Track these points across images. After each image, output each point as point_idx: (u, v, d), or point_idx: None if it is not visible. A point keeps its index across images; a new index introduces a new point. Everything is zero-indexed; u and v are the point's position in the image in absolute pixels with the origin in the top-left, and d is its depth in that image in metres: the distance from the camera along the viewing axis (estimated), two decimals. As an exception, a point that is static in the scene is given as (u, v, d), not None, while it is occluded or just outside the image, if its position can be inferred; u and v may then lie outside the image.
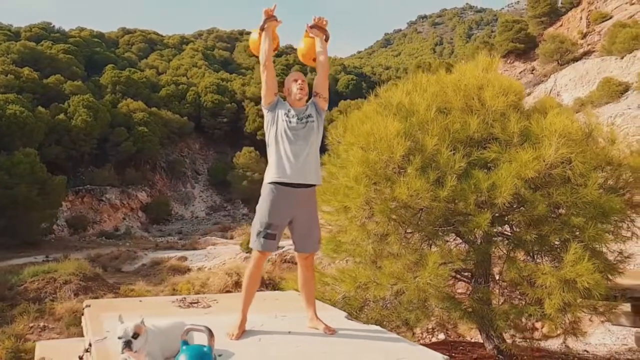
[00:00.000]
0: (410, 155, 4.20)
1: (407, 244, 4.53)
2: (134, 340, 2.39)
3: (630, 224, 4.65)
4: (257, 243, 3.14)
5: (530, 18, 43.25)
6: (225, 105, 53.02)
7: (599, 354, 6.08)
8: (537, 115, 4.45)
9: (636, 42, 29.34)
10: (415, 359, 2.75)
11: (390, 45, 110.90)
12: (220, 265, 27.53)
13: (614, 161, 4.44)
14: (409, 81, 5.20)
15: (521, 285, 4.30)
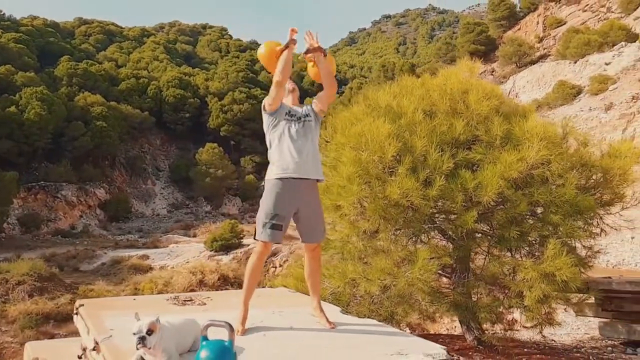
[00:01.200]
0: (401, 156, 4.34)
1: (396, 240, 4.68)
2: (149, 337, 2.43)
3: (600, 221, 4.96)
4: (264, 234, 3.19)
5: (491, 21, 44.63)
6: (188, 100, 52.06)
7: (566, 343, 6.43)
8: (517, 118, 4.68)
9: (588, 47, 30.77)
10: (416, 350, 2.86)
11: (355, 43, 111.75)
12: (184, 264, 27.09)
13: (587, 163, 4.73)
14: (395, 84, 5.34)
15: (503, 279, 4.52)
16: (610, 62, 28.68)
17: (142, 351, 2.46)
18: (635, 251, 13.01)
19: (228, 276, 23.69)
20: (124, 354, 2.61)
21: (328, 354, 2.82)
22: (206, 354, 2.35)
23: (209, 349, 2.37)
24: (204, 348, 2.38)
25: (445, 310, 4.72)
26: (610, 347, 6.10)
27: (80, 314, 3.39)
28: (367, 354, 2.82)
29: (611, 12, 35.06)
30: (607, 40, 30.09)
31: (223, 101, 51.18)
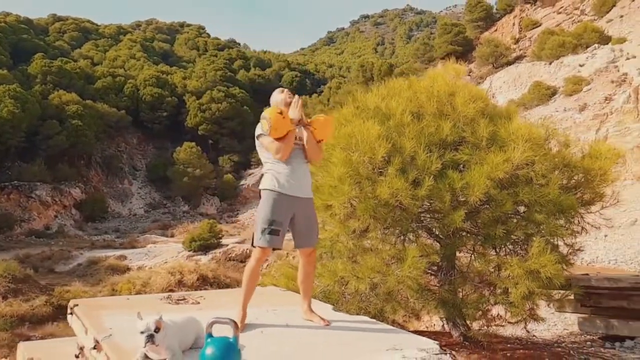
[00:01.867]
0: (390, 157, 4.40)
1: (385, 239, 4.75)
2: (156, 334, 2.48)
3: (581, 220, 5.11)
4: (263, 240, 3.26)
5: (468, 22, 45.22)
6: (166, 98, 51.45)
7: (546, 338, 6.60)
8: (502, 120, 4.79)
9: (562, 49, 31.46)
10: (410, 345, 2.93)
11: (334, 43, 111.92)
12: (162, 264, 26.81)
13: (569, 163, 4.87)
14: (383, 86, 5.41)
15: (489, 276, 4.63)
16: (584, 63, 29.39)
17: (147, 349, 2.50)
18: (608, 249, 13.41)
19: (207, 276, 23.54)
20: (127, 351, 2.64)
21: (326, 350, 2.87)
22: (212, 350, 2.39)
23: (214, 346, 2.40)
24: (209, 345, 2.41)
25: (434, 307, 4.81)
26: (589, 342, 6.29)
27: (75, 314, 3.39)
28: (363, 349, 2.88)
29: (585, 14, 35.93)
30: (581, 42, 30.82)
31: (201, 100, 50.74)
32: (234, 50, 71.64)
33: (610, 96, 26.91)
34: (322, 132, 3.46)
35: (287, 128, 3.25)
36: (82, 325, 3.17)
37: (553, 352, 5.66)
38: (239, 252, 28.42)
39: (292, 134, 3.29)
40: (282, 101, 3.46)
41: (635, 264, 15.01)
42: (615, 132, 24.67)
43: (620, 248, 14.64)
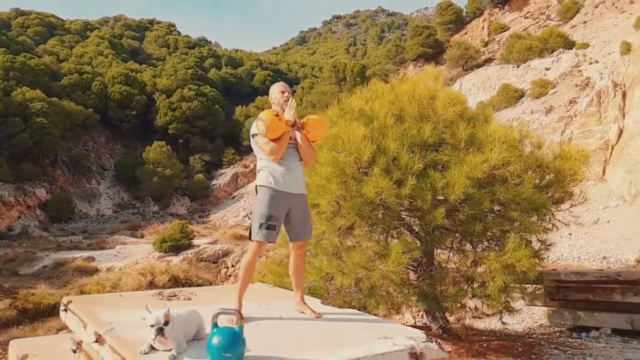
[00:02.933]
0: (375, 157, 4.56)
1: (370, 236, 4.90)
2: (165, 327, 2.59)
3: (552, 217, 5.39)
4: (260, 234, 3.39)
5: (439, 25, 46.01)
6: (135, 97, 50.50)
7: (518, 331, 6.89)
8: (480, 123, 5.02)
9: (530, 52, 32.41)
10: (399, 334, 3.09)
11: (306, 43, 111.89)
12: (132, 265, 26.37)
13: (542, 164, 5.13)
14: (366, 89, 5.57)
15: (466, 271, 4.85)
16: (550, 67, 30.35)
17: (156, 340, 2.59)
18: (572, 247, 13.98)
19: (179, 277, 23.31)
20: (131, 342, 2.73)
21: (322, 339, 3.01)
22: (218, 339, 2.49)
23: (220, 335, 2.51)
24: (215, 335, 2.51)
25: (415, 301, 5.00)
26: (558, 333, 6.60)
27: (71, 310, 3.44)
28: (357, 338, 3.02)
29: (550, 19, 37.12)
30: (547, 46, 31.82)
31: (171, 98, 50.03)
32: (205, 48, 70.91)
33: (574, 99, 27.91)
34: (315, 133, 3.59)
35: (283, 130, 3.35)
36: (80, 320, 3.23)
37: (525, 342, 5.94)
38: (211, 253, 28.20)
39: (286, 135, 3.40)
40: (278, 102, 3.55)
41: (598, 260, 15.70)
42: (579, 134, 25.61)
43: (584, 246, 15.29)
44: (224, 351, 2.47)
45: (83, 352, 3.25)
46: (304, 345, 2.85)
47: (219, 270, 26.72)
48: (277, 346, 2.76)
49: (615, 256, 17.57)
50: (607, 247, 17.71)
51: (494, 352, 5.21)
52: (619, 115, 25.75)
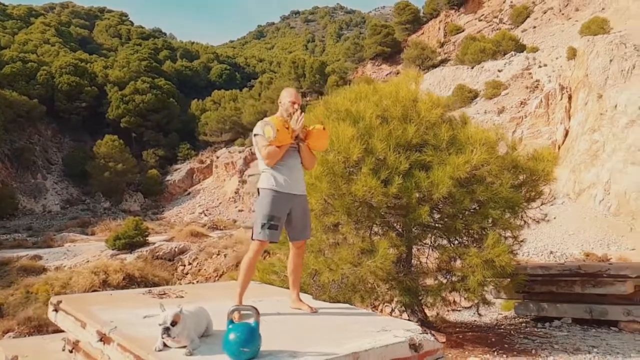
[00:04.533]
0: (363, 157, 4.69)
1: (357, 233, 5.03)
2: (172, 328, 2.59)
3: (524, 214, 5.70)
4: (263, 234, 3.46)
5: (396, 24, 46.80)
6: (84, 88, 48.50)
7: (486, 322, 7.23)
8: (458, 125, 5.26)
9: (483, 54, 33.56)
10: (396, 327, 3.23)
11: (264, 37, 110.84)
12: (84, 263, 25.44)
13: (518, 165, 5.42)
14: (350, 90, 5.69)
15: (446, 265, 5.07)
16: (502, 69, 31.56)
17: (165, 339, 2.61)
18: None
19: (134, 275, 22.67)
20: (141, 340, 2.73)
21: (327, 333, 3.11)
22: (236, 335, 2.54)
23: (238, 331, 2.55)
24: (232, 331, 2.55)
25: (399, 295, 5.17)
26: (524, 323, 6.99)
27: (64, 310, 3.36)
28: (359, 331, 3.13)
29: (503, 23, 38.56)
30: (499, 48, 33.05)
31: (124, 91, 48.43)
32: (159, 40, 68.96)
33: (524, 101, 29.19)
34: (317, 144, 3.64)
35: (288, 141, 3.40)
36: (76, 320, 3.18)
37: (497, 333, 6.26)
38: (167, 251, 27.60)
39: (288, 144, 3.45)
40: (286, 110, 3.57)
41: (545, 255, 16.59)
42: (529, 134, 26.85)
43: (532, 241, 16.13)
44: (242, 346, 2.52)
45: (81, 352, 3.20)
46: (311, 340, 2.93)
47: (175, 268, 26.15)
48: (285, 341, 2.82)
49: (561, 251, 18.57)
50: (554, 243, 18.74)
51: (470, 343, 5.47)
52: (565, 116, 27.18)
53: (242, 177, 43.51)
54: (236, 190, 43.33)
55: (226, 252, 23.47)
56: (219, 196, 44.69)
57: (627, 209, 20.12)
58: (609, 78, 24.21)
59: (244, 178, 43.36)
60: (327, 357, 2.60)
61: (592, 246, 18.95)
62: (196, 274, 23.20)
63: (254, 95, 50.82)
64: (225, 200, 43.92)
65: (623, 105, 22.41)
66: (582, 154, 23.49)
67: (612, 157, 21.47)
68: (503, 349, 5.41)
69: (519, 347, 5.53)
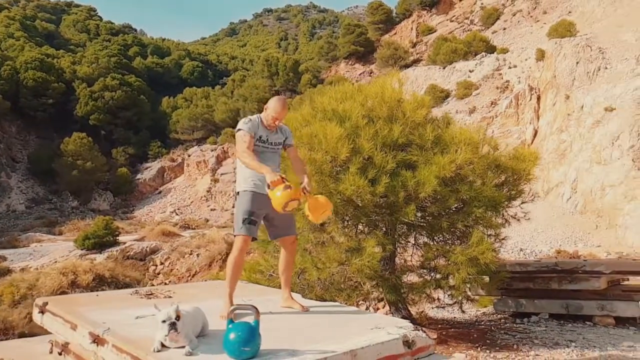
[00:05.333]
0: (351, 156, 4.72)
1: (344, 232, 5.06)
2: (177, 322, 2.61)
3: (505, 213, 5.84)
4: (244, 229, 3.52)
5: (369, 24, 47.11)
6: (51, 84, 47.08)
7: (466, 319, 7.38)
8: (442, 125, 5.37)
9: (455, 55, 34.11)
10: (388, 324, 3.27)
11: (236, 35, 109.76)
12: (51, 264, 24.78)
13: (500, 164, 5.55)
14: (335, 89, 5.71)
15: (429, 264, 5.16)
16: (473, 70, 32.14)
17: (168, 337, 2.59)
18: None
19: (104, 276, 22.21)
20: (137, 341, 2.70)
21: (323, 331, 3.13)
22: (236, 334, 2.54)
23: (239, 330, 2.56)
24: (232, 330, 2.55)
25: (386, 292, 5.23)
26: (502, 320, 7.15)
27: (51, 312, 3.28)
28: (353, 329, 3.17)
29: (474, 24, 39.27)
30: (470, 49, 33.65)
31: (93, 87, 47.26)
32: (129, 35, 67.49)
33: (495, 101, 29.83)
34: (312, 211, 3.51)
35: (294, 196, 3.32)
36: (66, 322, 3.11)
37: (478, 329, 6.39)
38: (138, 250, 27.15)
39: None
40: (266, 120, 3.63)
41: (515, 252, 17.03)
42: (500, 134, 27.44)
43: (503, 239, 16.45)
44: (243, 345, 2.53)
45: (72, 354, 3.13)
46: (307, 338, 2.93)
47: (146, 268, 25.71)
48: (282, 340, 2.82)
49: (531, 248, 19.08)
50: (524, 240, 19.25)
51: (453, 339, 5.57)
52: (534, 117, 27.92)
53: (215, 175, 43.09)
54: (208, 189, 42.89)
55: (199, 251, 23.20)
56: (190, 195, 44.14)
57: (593, 207, 20.82)
58: (575, 79, 24.98)
59: (216, 177, 42.95)
60: (326, 355, 2.61)
61: (560, 243, 19.55)
62: (168, 274, 22.85)
63: (226, 93, 50.35)
64: (197, 199, 43.41)
65: (589, 106, 23.16)
66: (550, 154, 24.17)
67: (579, 156, 22.19)
68: (485, 344, 5.53)
69: (501, 342, 5.67)
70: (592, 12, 31.00)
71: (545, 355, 5.12)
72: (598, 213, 20.46)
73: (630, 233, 18.31)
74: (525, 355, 5.13)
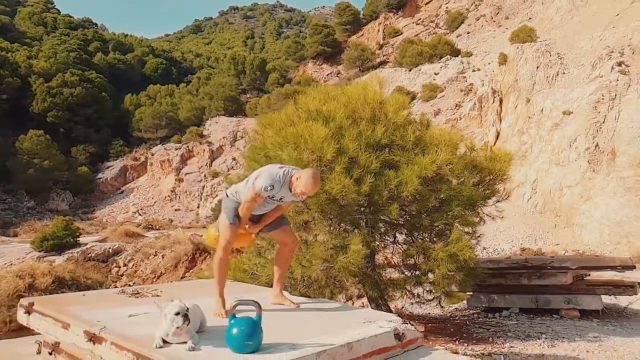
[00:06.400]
0: (336, 156, 4.80)
1: (329, 230, 5.14)
2: (189, 314, 2.68)
3: (481, 211, 6.06)
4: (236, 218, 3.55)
5: (337, 25, 47.43)
6: (5, 79, 45.16)
7: (441, 314, 7.59)
8: (422, 126, 5.54)
9: (421, 57, 34.77)
10: (379, 318, 3.37)
11: (202, 32, 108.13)
12: (6, 266, 23.82)
13: (477, 165, 5.76)
14: (318, 91, 5.78)
15: (408, 261, 5.31)
16: (438, 72, 32.84)
17: (175, 330, 2.62)
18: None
19: (64, 278, 21.54)
20: (136, 338, 2.69)
21: (318, 325, 3.21)
22: (239, 329, 2.60)
23: (242, 325, 2.61)
24: (235, 325, 2.60)
25: (369, 289, 5.34)
26: (475, 314, 7.40)
27: (39, 312, 3.22)
28: (346, 323, 3.24)
29: (439, 27, 40.14)
30: (436, 52, 34.39)
31: (51, 83, 45.63)
32: (90, 30, 65.48)
33: (459, 103, 30.58)
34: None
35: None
36: (57, 321, 3.07)
37: (454, 324, 6.60)
38: (100, 252, 26.44)
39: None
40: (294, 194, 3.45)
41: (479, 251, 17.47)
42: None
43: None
44: (247, 340, 2.58)
45: (63, 354, 3.08)
46: (305, 332, 2.99)
47: (109, 269, 25.05)
48: (280, 334, 2.87)
49: (493, 247, 19.69)
50: (486, 239, 19.86)
51: (432, 334, 5.75)
52: (497, 119, 28.80)
53: (179, 175, 42.39)
54: (172, 189, 42.15)
55: (164, 252, 22.78)
56: (154, 195, 43.26)
57: (551, 207, 21.68)
58: (536, 83, 25.93)
59: (180, 176, 42.26)
60: (325, 347, 2.69)
61: (521, 242, 20.26)
62: (132, 276, 22.33)
63: (191, 91, 49.63)
64: (160, 199, 42.58)
65: (548, 109, 24.09)
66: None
67: (539, 157, 23.04)
68: (463, 338, 5.73)
69: (477, 335, 5.88)
70: (551, 19, 32.24)
71: (519, 347, 5.36)
72: (556, 213, 21.32)
73: (586, 232, 19.17)
74: (501, 347, 5.36)
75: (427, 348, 3.57)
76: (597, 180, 20.19)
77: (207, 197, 40.28)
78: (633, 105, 19.64)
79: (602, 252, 16.58)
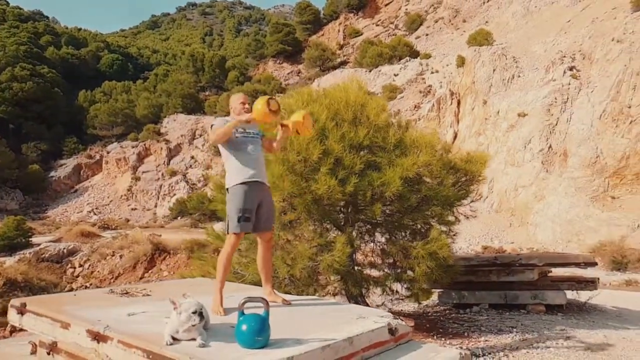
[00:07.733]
0: (323, 157, 4.87)
1: (315, 229, 5.20)
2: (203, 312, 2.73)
3: (456, 211, 6.29)
4: (238, 227, 3.58)
5: (297, 24, 47.41)
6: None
7: (414, 311, 7.79)
8: (401, 129, 5.71)
9: (380, 58, 35.28)
10: (371, 315, 3.48)
11: (158, 28, 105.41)
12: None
13: (455, 166, 5.97)
14: (301, 92, 5.83)
15: (395, 257, 5.46)
16: (398, 73, 33.43)
17: (190, 327, 2.66)
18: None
19: (16, 280, 20.66)
20: (144, 336, 2.70)
21: (314, 322, 3.28)
22: (249, 325, 2.65)
23: (251, 321, 2.67)
24: (244, 322, 2.65)
25: (351, 286, 5.44)
26: (447, 310, 7.65)
27: (34, 312, 3.15)
28: (340, 319, 3.33)
29: (398, 29, 40.84)
30: (395, 53, 34.98)
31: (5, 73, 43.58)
32: (41, 23, 62.74)
33: (418, 104, 31.25)
34: (306, 131, 3.84)
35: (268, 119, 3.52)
36: (55, 321, 3.03)
37: (428, 319, 6.81)
38: (54, 252, 25.49)
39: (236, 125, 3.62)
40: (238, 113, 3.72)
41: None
42: (424, 135, 28.83)
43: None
44: (257, 335, 2.64)
45: (62, 353, 3.03)
46: (305, 328, 3.06)
47: (64, 270, 24.19)
48: (283, 330, 2.92)
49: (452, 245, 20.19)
50: (446, 236, 20.28)
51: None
52: (454, 120, 29.63)
53: (136, 173, 41.30)
54: (129, 188, 41.02)
55: (122, 252, 22.18)
56: (109, 194, 41.97)
57: (507, 206, 22.54)
58: (492, 86, 26.85)
59: (137, 175, 41.18)
60: (329, 341, 2.78)
61: (477, 240, 20.94)
62: (89, 277, 21.61)
63: (148, 88, 48.43)
64: (116, 198, 41.37)
65: (504, 111, 25.01)
66: (469, 155, 25.76)
67: (495, 158, 23.84)
68: (439, 333, 5.93)
69: (452, 330, 6.10)
70: (507, 23, 33.43)
71: (494, 341, 5.60)
72: (512, 212, 22.19)
73: (539, 230, 20.07)
74: (477, 341, 5.58)
75: (417, 342, 3.71)
76: (550, 181, 21.15)
77: (164, 196, 39.46)
78: (584, 109, 20.67)
79: (555, 249, 17.36)
